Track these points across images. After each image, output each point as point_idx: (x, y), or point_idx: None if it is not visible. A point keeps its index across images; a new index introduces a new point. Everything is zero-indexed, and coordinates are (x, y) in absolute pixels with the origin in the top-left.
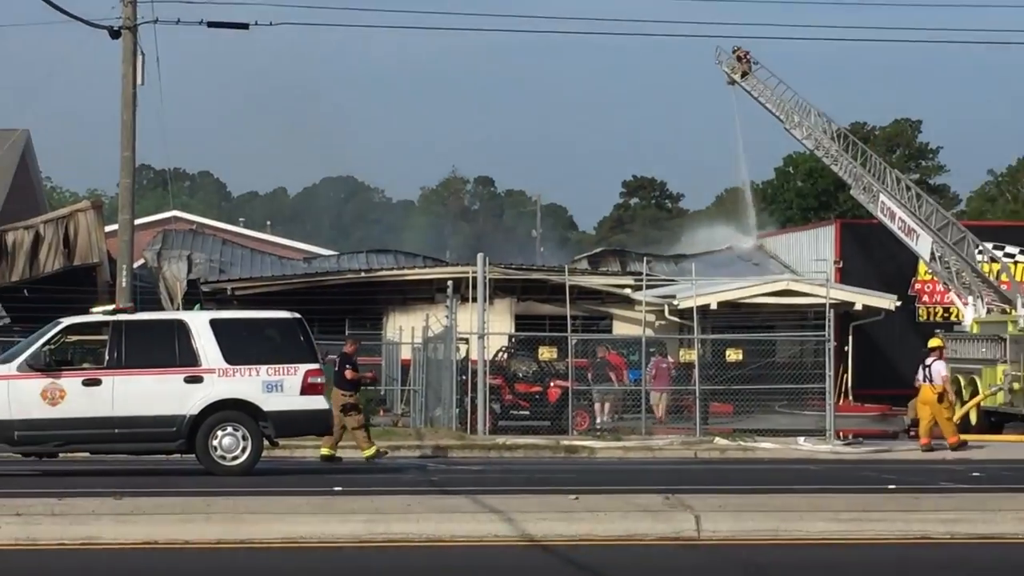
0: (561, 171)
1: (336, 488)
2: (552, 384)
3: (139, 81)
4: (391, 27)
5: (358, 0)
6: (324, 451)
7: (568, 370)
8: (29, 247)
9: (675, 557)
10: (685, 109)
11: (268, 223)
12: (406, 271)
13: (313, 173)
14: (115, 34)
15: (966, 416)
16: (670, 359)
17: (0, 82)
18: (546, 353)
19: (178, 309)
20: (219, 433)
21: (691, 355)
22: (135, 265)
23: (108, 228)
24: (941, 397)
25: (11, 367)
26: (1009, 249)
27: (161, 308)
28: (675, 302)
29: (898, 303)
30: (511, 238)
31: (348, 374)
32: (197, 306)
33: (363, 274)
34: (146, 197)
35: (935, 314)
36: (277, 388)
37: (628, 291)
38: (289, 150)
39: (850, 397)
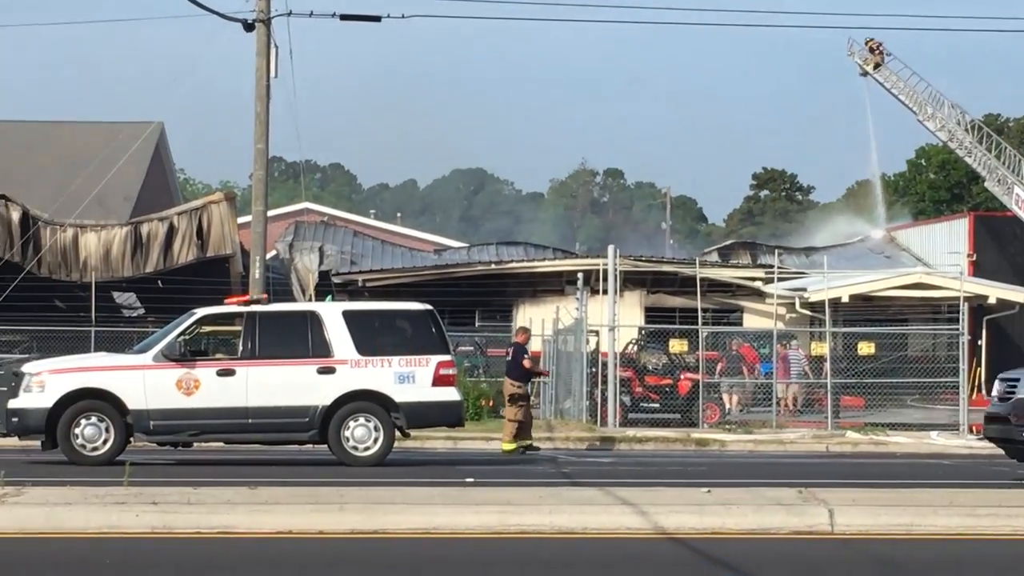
0: (691, 163)
1: (468, 479)
2: (683, 376)
3: (272, 74)
4: (521, 19)
5: None
6: (506, 447)
7: (699, 363)
8: (163, 238)
9: (808, 551)
10: (816, 101)
11: (398, 215)
12: (536, 263)
13: (443, 165)
14: (249, 27)
15: None
16: (800, 351)
17: (136, 75)
18: (677, 346)
19: (310, 300)
20: (351, 424)
21: (822, 348)
22: (267, 256)
23: (241, 220)
24: None
25: (147, 357)
26: None
27: (293, 299)
28: (806, 295)
29: None
30: (640, 230)
31: (526, 363)
32: (329, 297)
33: (493, 266)
34: (277, 189)
35: None
36: (409, 379)
37: (759, 284)
38: (419, 142)
39: (983, 391)
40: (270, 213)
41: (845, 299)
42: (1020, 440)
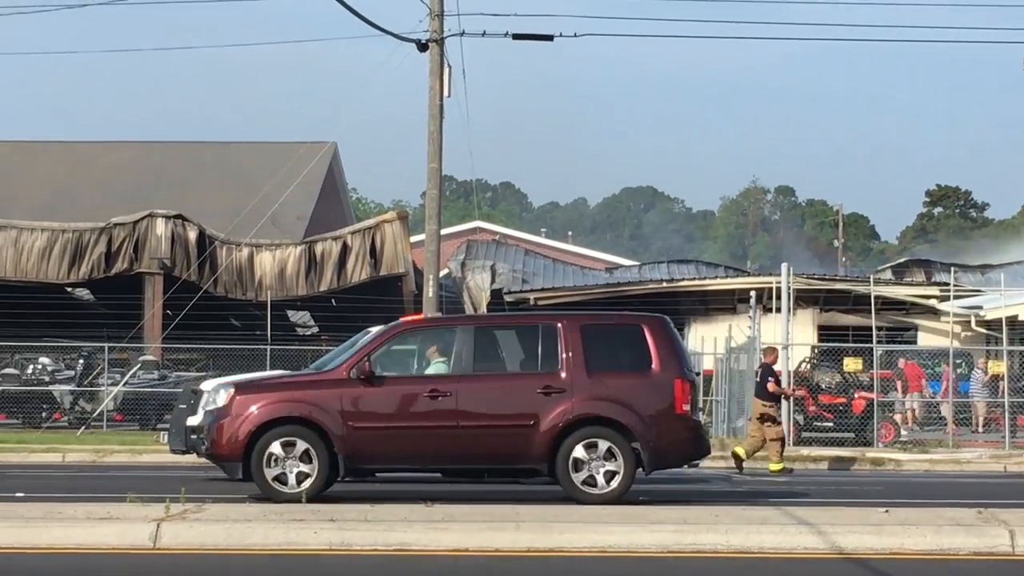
0: (862, 180)
1: (641, 497)
2: (857, 395)
3: (446, 93)
4: (693, 37)
5: (661, 11)
6: (737, 449)
7: (873, 381)
8: (337, 257)
9: (989, 572)
10: (990, 116)
11: (569, 233)
12: (707, 281)
13: (613, 183)
14: (423, 47)
15: None
16: (981, 371)
17: (310, 95)
18: (851, 364)
19: None
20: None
21: (999, 367)
22: (440, 275)
23: (413, 238)
24: None
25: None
26: None
27: None
28: (982, 313)
29: None
30: (812, 248)
31: (770, 387)
32: None
33: (664, 284)
34: (449, 208)
35: None
36: None
37: (934, 302)
38: (589, 160)
39: None
40: (442, 232)
41: (1022, 317)
42: None
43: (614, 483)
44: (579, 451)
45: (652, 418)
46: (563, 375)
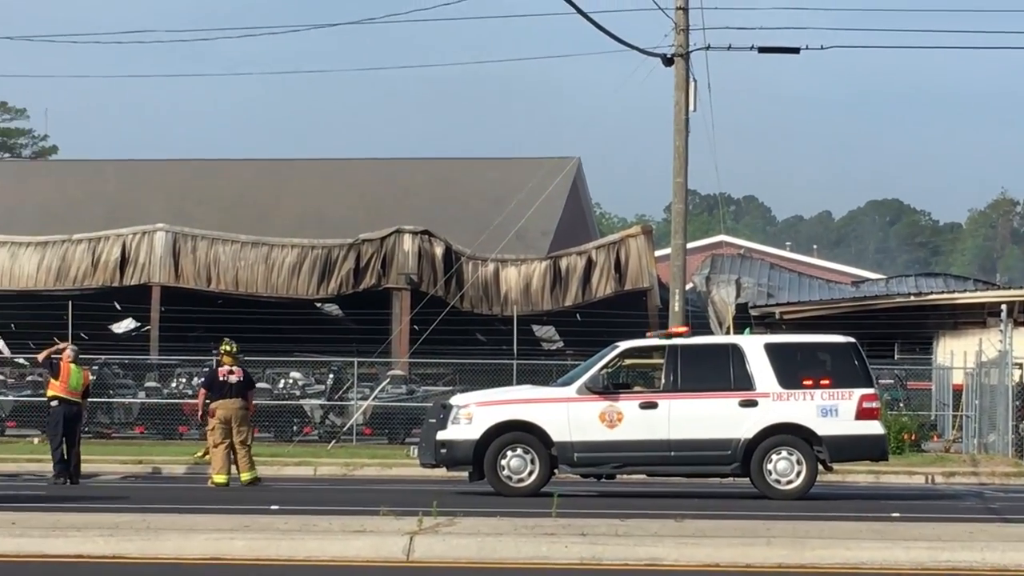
0: None
1: (894, 514)
2: None
3: (691, 108)
4: (939, 48)
5: (907, 22)
6: None
7: None
8: (582, 272)
9: None
10: None
11: (814, 247)
12: (956, 295)
13: (858, 196)
14: (668, 62)
15: None
16: None
17: (554, 111)
18: None
19: (727, 333)
20: (774, 457)
21: None
22: (685, 289)
23: (657, 253)
24: None
25: (570, 390)
26: None
27: (710, 332)
28: None
29: None
30: None
31: None
32: (747, 330)
33: (912, 298)
34: (692, 222)
35: None
36: (831, 412)
37: None
38: (834, 173)
39: None
40: (687, 246)
41: None
42: None
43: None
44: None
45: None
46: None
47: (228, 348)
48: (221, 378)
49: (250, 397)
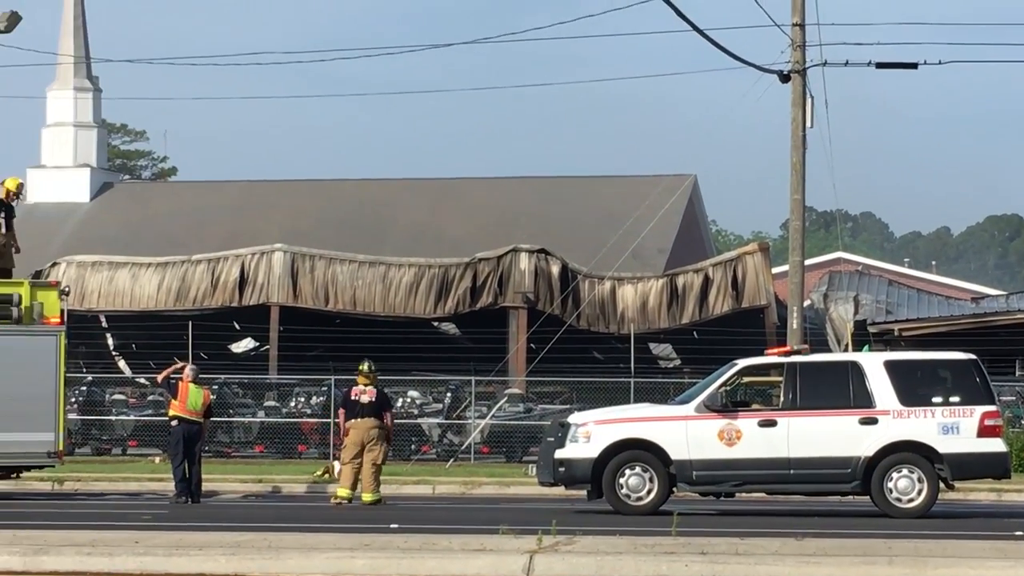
0: None
1: (1017, 533)
2: None
3: (808, 124)
4: None
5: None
6: None
7: None
8: (699, 290)
9: None
10: None
11: (932, 263)
12: None
13: (977, 212)
14: (785, 78)
15: None
16: None
17: (670, 128)
18: None
19: (845, 350)
20: (894, 475)
21: None
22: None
23: (774, 270)
24: None
25: (688, 408)
26: None
27: (828, 349)
28: None
29: None
30: None
31: None
32: (866, 347)
33: None
34: (809, 239)
35: None
36: (953, 430)
37: None
38: (952, 189)
39: None
40: (805, 263)
41: None
42: None
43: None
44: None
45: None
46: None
47: (362, 368)
48: (354, 397)
49: (386, 417)
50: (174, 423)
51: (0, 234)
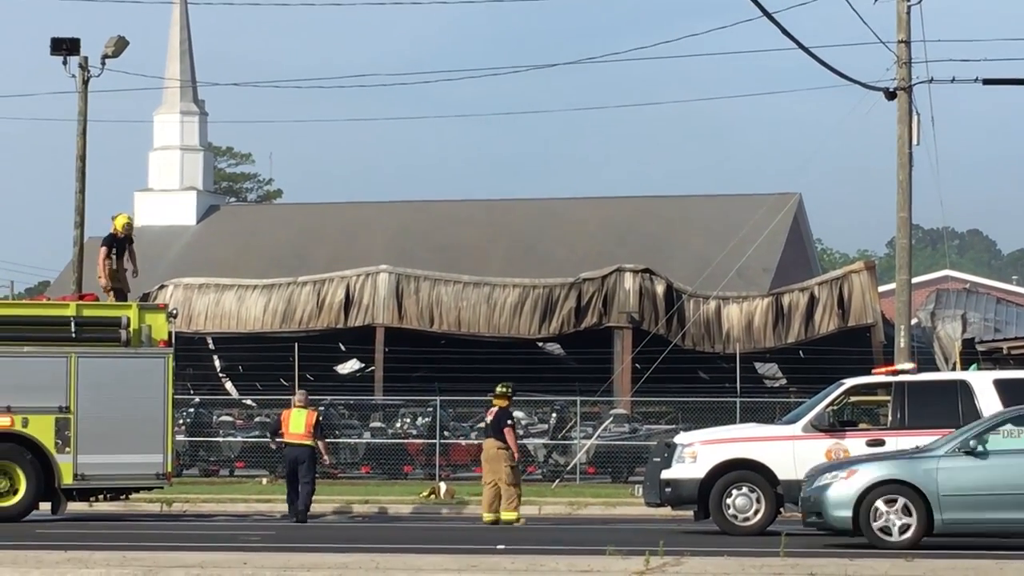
0: None
1: None
2: None
3: (914, 141)
4: None
5: None
6: None
7: None
8: (804, 309)
9: None
10: None
11: None
12: None
13: None
14: (891, 96)
15: None
16: None
17: (774, 147)
18: None
19: (954, 369)
20: None
21: None
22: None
23: (880, 288)
24: None
25: (796, 428)
26: None
27: (935, 368)
28: None
29: None
30: None
31: None
32: (974, 366)
33: None
34: (915, 257)
35: None
36: None
37: None
38: None
39: None
40: (911, 281)
41: None
42: None
43: None
44: None
45: None
46: None
47: (498, 389)
48: (487, 418)
49: (507, 435)
50: (283, 446)
51: (112, 263)
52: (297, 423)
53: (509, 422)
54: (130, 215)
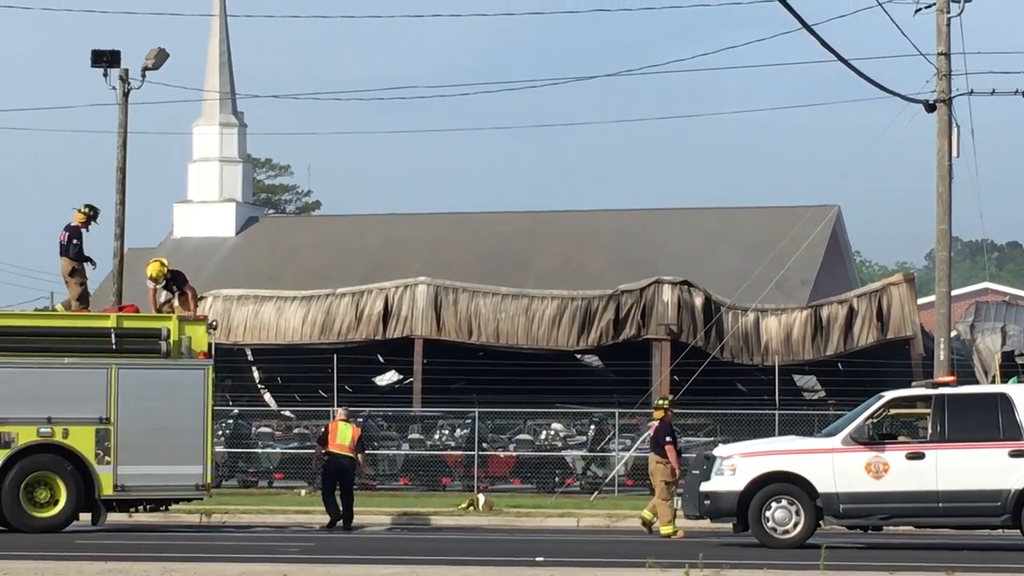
0: None
1: None
2: None
3: (954, 154)
4: None
5: None
6: None
7: None
8: (843, 321)
9: None
10: None
11: None
12: None
13: None
14: (930, 108)
15: None
16: None
17: (812, 159)
18: None
19: (993, 382)
20: None
21: None
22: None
23: (919, 301)
24: None
25: (835, 440)
26: None
27: (975, 381)
28: None
29: None
30: None
31: None
32: (1013, 379)
33: None
34: (954, 269)
35: None
36: None
37: None
38: None
39: None
40: (951, 293)
41: None
42: None
43: None
44: None
45: None
46: None
47: (658, 402)
48: (649, 432)
49: (668, 451)
50: (325, 457)
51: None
52: (344, 435)
53: (668, 438)
54: (160, 260)
